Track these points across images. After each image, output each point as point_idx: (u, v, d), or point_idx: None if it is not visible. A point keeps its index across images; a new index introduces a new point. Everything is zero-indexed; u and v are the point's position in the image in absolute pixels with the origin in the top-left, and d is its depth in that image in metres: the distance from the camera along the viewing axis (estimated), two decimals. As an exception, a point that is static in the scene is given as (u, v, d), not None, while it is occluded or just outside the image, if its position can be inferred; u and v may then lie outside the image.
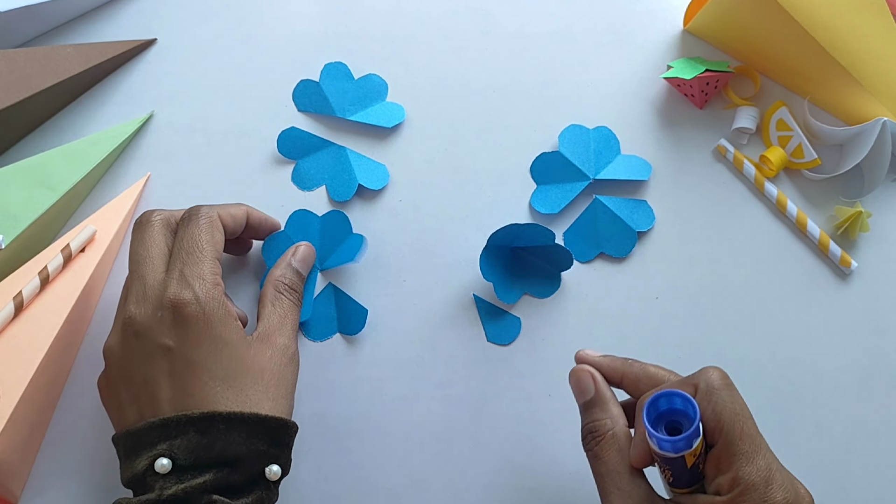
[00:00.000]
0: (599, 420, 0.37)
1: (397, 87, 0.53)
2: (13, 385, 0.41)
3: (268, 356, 0.38)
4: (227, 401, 0.36)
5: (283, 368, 0.39)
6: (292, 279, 0.43)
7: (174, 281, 0.37)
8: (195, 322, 0.37)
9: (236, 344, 0.37)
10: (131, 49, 0.53)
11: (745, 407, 0.34)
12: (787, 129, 0.51)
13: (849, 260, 0.49)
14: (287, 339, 0.40)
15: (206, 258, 0.38)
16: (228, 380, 0.36)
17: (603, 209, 0.50)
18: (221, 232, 0.41)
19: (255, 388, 0.37)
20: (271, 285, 0.42)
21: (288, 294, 0.42)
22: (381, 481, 0.46)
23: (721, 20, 0.52)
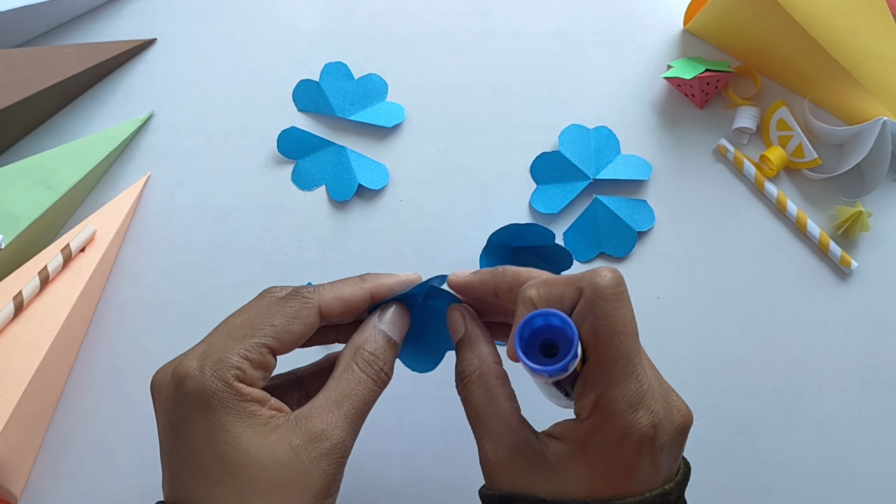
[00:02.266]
0: (466, 360, 0.34)
1: (397, 87, 0.53)
2: (13, 385, 0.41)
3: (292, 445, 0.30)
4: (213, 500, 0.29)
5: (308, 464, 0.30)
6: (376, 346, 0.34)
7: (193, 351, 0.31)
8: (191, 399, 0.30)
9: (240, 431, 0.30)
10: (131, 49, 0.53)
11: (631, 321, 0.30)
12: (788, 129, 0.51)
13: (849, 260, 0.49)
14: (332, 424, 0.31)
15: (248, 339, 0.31)
16: (222, 475, 0.29)
17: (603, 209, 0.50)
18: (308, 324, 0.33)
19: (257, 487, 0.29)
20: (348, 353, 0.33)
21: (364, 364, 0.33)
22: (381, 481, 0.46)
23: (721, 20, 0.52)
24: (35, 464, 0.45)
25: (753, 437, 0.47)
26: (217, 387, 0.30)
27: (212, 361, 0.30)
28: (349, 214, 0.50)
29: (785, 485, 0.47)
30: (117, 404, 0.47)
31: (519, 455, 0.32)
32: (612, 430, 0.29)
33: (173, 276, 0.49)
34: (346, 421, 0.32)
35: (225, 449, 0.30)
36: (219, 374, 0.30)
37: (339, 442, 0.31)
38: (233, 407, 0.30)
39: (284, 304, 0.32)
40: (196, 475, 0.30)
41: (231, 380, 0.30)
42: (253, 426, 0.30)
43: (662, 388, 0.32)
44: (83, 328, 0.47)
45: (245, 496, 0.29)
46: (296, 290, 0.33)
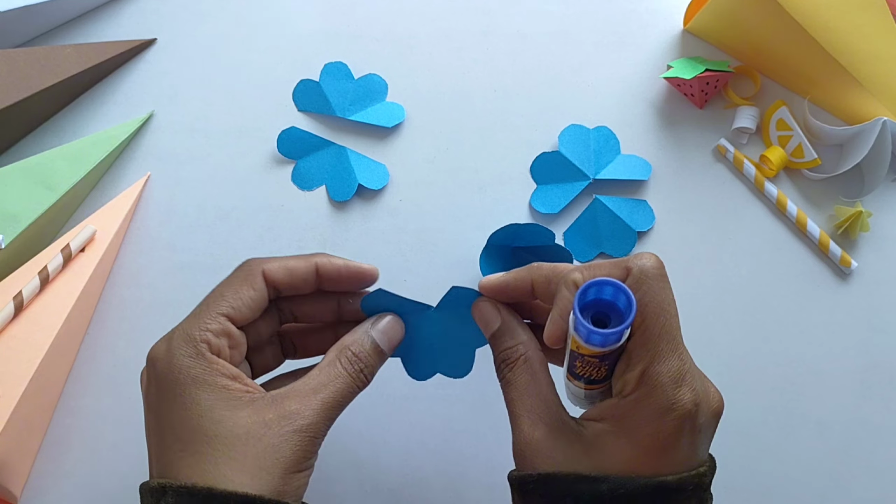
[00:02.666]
0: (510, 348, 0.35)
1: (397, 87, 0.53)
2: (13, 385, 0.41)
3: (264, 419, 0.31)
4: (190, 469, 0.31)
5: (280, 438, 0.31)
6: (361, 350, 0.35)
7: (165, 336, 0.33)
8: (164, 379, 0.32)
9: (212, 404, 0.31)
10: (131, 49, 0.53)
11: (674, 303, 0.31)
12: (787, 129, 0.51)
13: (849, 260, 0.49)
14: (306, 407, 0.32)
15: (207, 313, 0.33)
16: (195, 444, 0.31)
17: (603, 209, 0.50)
18: (256, 289, 0.34)
19: (230, 457, 0.31)
20: (335, 349, 0.35)
21: (347, 363, 0.34)
22: (381, 481, 0.46)
23: (721, 20, 0.52)
24: (35, 464, 0.45)
25: (753, 437, 0.47)
26: (185, 363, 0.32)
27: (177, 339, 0.32)
28: (349, 214, 0.50)
29: (785, 485, 0.47)
30: (117, 404, 0.47)
31: (558, 434, 0.32)
32: (657, 403, 0.30)
33: (173, 276, 0.49)
34: (320, 406, 0.33)
35: (199, 421, 0.31)
36: (186, 349, 0.32)
37: (311, 423, 0.32)
38: (204, 381, 0.32)
39: (232, 277, 0.35)
40: (174, 449, 0.31)
41: (201, 353, 0.32)
42: (226, 400, 0.32)
43: (699, 371, 0.33)
44: (83, 328, 0.47)
45: (220, 465, 0.30)
46: (241, 265, 0.35)
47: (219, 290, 0.34)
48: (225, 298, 0.34)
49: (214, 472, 0.30)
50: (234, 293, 0.34)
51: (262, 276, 0.35)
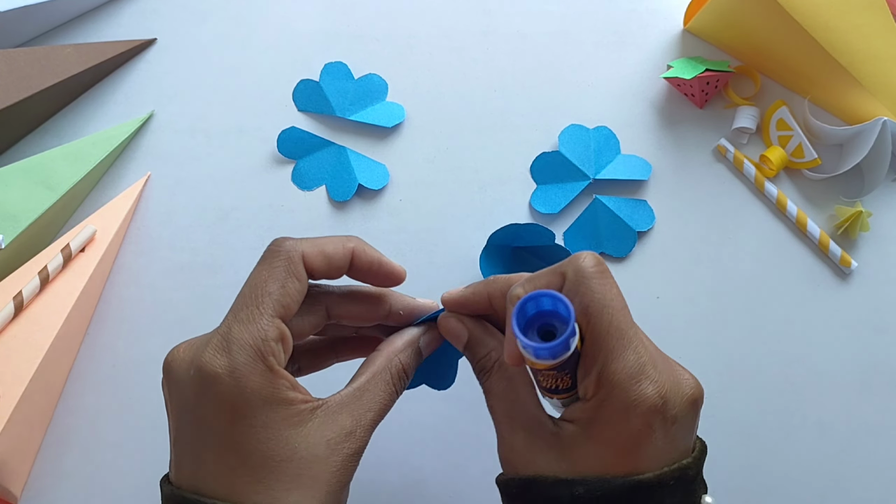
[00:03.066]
0: (483, 357, 0.34)
1: (397, 87, 0.53)
2: (13, 385, 0.41)
3: (325, 440, 0.30)
4: (257, 495, 0.29)
5: (343, 461, 0.31)
6: (409, 363, 0.34)
7: (214, 343, 0.30)
8: (227, 400, 0.29)
9: (279, 425, 0.29)
10: (131, 49, 0.53)
11: (619, 296, 0.30)
12: (788, 129, 0.51)
13: (849, 260, 0.49)
14: (360, 426, 0.31)
15: (261, 316, 0.30)
16: (261, 470, 0.29)
17: (603, 209, 0.50)
18: (300, 280, 0.31)
19: (298, 482, 0.29)
20: (386, 356, 0.34)
21: (396, 378, 0.34)
22: (381, 481, 0.46)
23: (721, 20, 0.52)
24: (35, 464, 0.45)
25: (753, 437, 0.47)
26: (255, 383, 0.29)
27: (240, 353, 0.29)
28: (349, 214, 0.50)
29: (785, 485, 0.47)
30: (117, 404, 0.47)
31: (536, 438, 0.32)
32: (618, 402, 0.29)
33: (173, 276, 0.49)
34: (370, 424, 0.32)
35: (267, 444, 0.29)
36: (256, 366, 0.29)
37: (363, 444, 0.32)
38: (270, 400, 0.29)
39: (273, 264, 0.31)
40: (233, 470, 0.29)
41: (273, 365, 0.30)
42: (290, 417, 0.30)
43: (666, 361, 0.31)
44: (83, 328, 0.47)
45: (292, 491, 0.29)
46: (276, 248, 0.32)
47: (261, 282, 0.31)
48: (272, 295, 0.30)
49: (286, 498, 0.29)
50: (282, 287, 0.31)
51: (301, 263, 0.31)
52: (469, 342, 0.35)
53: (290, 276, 0.31)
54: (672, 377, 0.31)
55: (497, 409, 0.34)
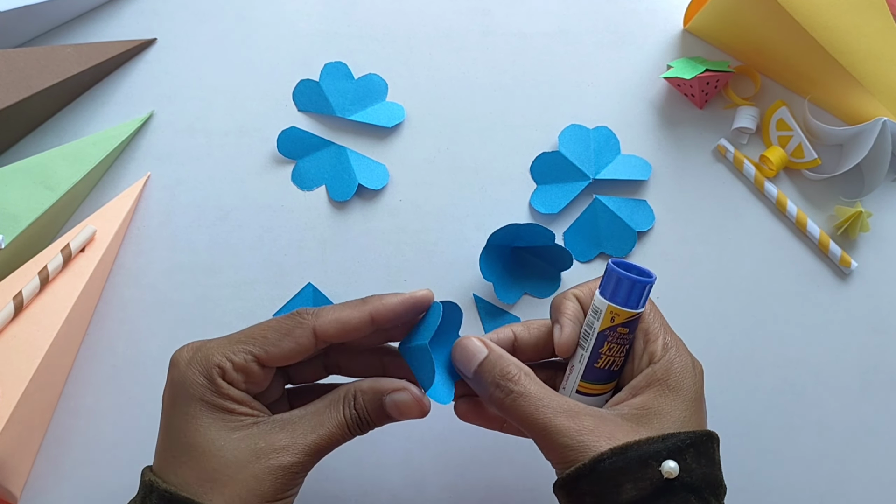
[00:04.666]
0: (505, 368, 0.34)
1: (397, 87, 0.53)
2: (13, 385, 0.41)
3: (253, 449, 0.32)
4: (176, 476, 0.32)
5: (264, 471, 0.32)
6: (367, 408, 0.35)
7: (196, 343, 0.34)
8: (173, 385, 0.33)
9: (210, 422, 0.33)
10: (131, 49, 0.53)
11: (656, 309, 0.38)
12: (787, 129, 0.51)
13: (849, 260, 0.49)
14: (294, 443, 0.33)
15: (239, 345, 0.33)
16: (187, 454, 0.32)
17: (603, 209, 0.50)
18: (300, 343, 0.34)
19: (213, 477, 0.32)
20: (345, 388, 0.35)
21: (349, 412, 0.34)
22: (381, 481, 0.46)
23: (721, 20, 0.52)
24: (35, 464, 0.45)
25: (753, 437, 0.47)
26: (195, 379, 0.33)
27: (200, 356, 0.33)
28: (349, 214, 0.50)
29: (785, 485, 0.47)
30: (117, 404, 0.47)
31: (601, 420, 0.33)
32: (686, 362, 0.35)
33: (173, 276, 0.49)
34: (310, 448, 0.33)
35: (195, 436, 0.32)
36: (201, 367, 0.33)
37: (297, 462, 0.33)
38: (207, 399, 0.33)
39: (282, 321, 0.34)
40: (171, 451, 0.33)
41: (215, 376, 0.33)
42: (224, 420, 0.33)
43: None
44: (83, 328, 0.47)
45: (203, 482, 0.32)
46: (298, 311, 0.35)
47: (264, 328, 0.34)
48: (265, 340, 0.34)
49: (197, 488, 0.32)
50: (275, 341, 0.34)
51: (312, 333, 0.34)
52: (488, 358, 0.35)
53: (288, 337, 0.34)
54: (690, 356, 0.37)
55: (542, 407, 0.34)
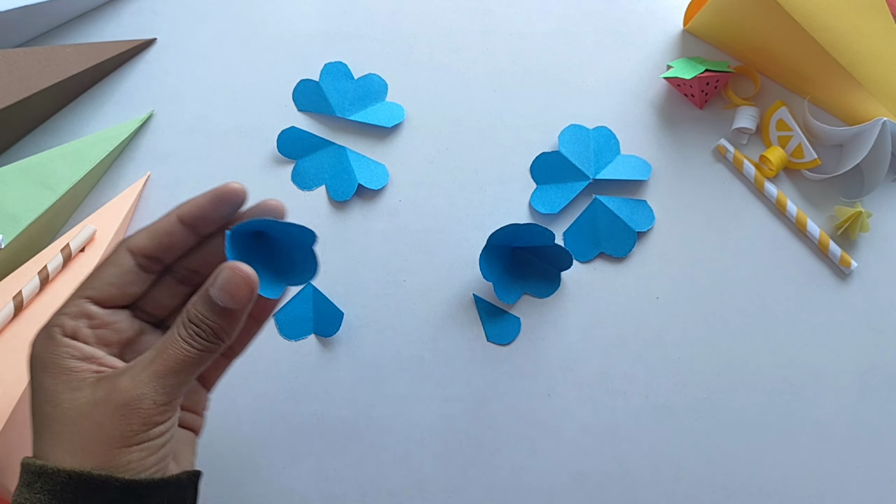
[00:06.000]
0: None
1: (397, 87, 0.53)
2: (13, 385, 0.41)
3: (96, 398, 0.32)
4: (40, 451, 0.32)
5: (104, 416, 0.31)
6: (198, 313, 0.33)
7: None
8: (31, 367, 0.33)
9: (55, 388, 0.32)
10: (131, 49, 0.53)
11: None
12: (787, 129, 0.51)
13: (849, 260, 0.49)
14: (135, 380, 0.32)
15: (68, 300, 0.33)
16: (41, 429, 0.32)
17: (603, 209, 0.50)
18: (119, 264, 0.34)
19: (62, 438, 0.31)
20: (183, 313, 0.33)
21: (183, 328, 0.33)
22: (381, 481, 0.46)
23: (721, 20, 0.52)
24: (35, 464, 0.45)
25: (753, 437, 0.47)
26: (37, 350, 0.33)
27: (43, 327, 0.33)
28: (349, 214, 0.50)
29: (785, 485, 0.47)
30: (117, 404, 0.47)
31: None
32: None
33: (173, 276, 0.49)
34: (150, 378, 0.32)
35: (42, 406, 0.32)
36: (41, 335, 0.33)
37: (136, 397, 0.31)
38: (51, 365, 0.32)
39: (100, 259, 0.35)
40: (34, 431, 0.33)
41: (51, 337, 0.33)
42: (69, 382, 0.32)
43: None
44: (83, 328, 0.47)
45: (53, 445, 0.32)
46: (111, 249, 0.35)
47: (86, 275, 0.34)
48: (87, 282, 0.34)
49: (49, 452, 0.32)
50: (96, 274, 0.34)
51: (126, 250, 0.34)
52: None
53: (106, 264, 0.34)
54: None
55: None
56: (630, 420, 0.47)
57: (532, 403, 0.47)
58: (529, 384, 0.48)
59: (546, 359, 0.48)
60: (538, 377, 0.48)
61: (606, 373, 0.48)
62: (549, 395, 0.47)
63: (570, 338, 0.48)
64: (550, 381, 0.48)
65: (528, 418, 0.47)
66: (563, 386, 0.48)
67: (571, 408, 0.47)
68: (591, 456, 0.47)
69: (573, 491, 0.46)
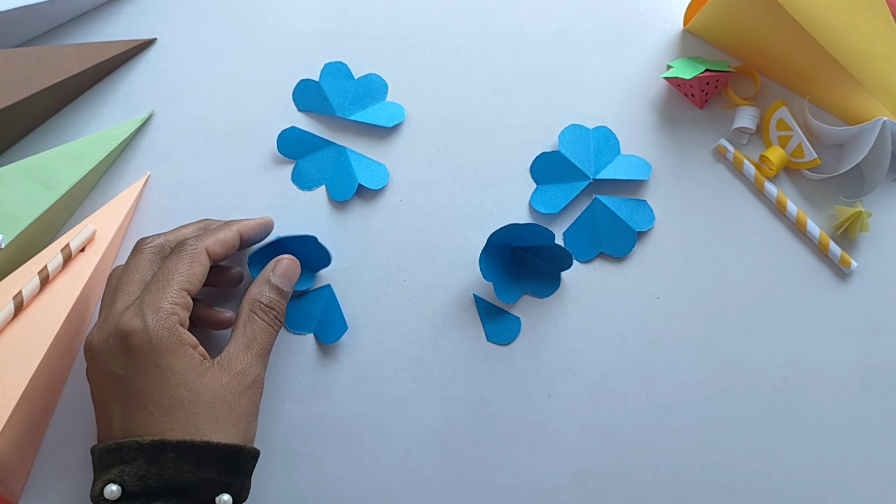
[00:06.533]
0: None
1: (397, 87, 0.53)
2: (13, 385, 0.41)
3: (222, 383, 0.38)
4: (174, 431, 0.36)
5: (237, 396, 0.38)
6: (270, 297, 0.41)
7: (130, 310, 0.37)
8: (141, 351, 0.36)
9: (185, 373, 0.37)
10: (131, 49, 0.53)
11: None
12: (787, 129, 0.51)
13: (849, 260, 0.49)
14: (248, 364, 0.39)
15: (170, 288, 0.38)
16: (175, 410, 0.36)
17: (603, 209, 0.50)
18: (203, 264, 0.40)
19: (205, 418, 0.37)
20: (247, 304, 0.41)
21: (262, 314, 0.41)
22: (381, 481, 0.46)
23: (721, 20, 0.52)
24: (35, 464, 0.45)
25: (753, 436, 0.47)
26: (163, 335, 0.37)
27: (152, 313, 0.37)
28: (349, 214, 0.50)
29: (785, 485, 0.47)
30: (117, 404, 0.47)
31: None
32: None
33: (173, 276, 0.49)
34: (257, 359, 0.39)
35: (176, 389, 0.36)
36: (162, 322, 0.37)
37: (256, 377, 0.39)
38: (177, 351, 0.37)
39: (181, 255, 0.40)
40: (151, 413, 0.36)
41: (174, 325, 0.37)
42: (193, 368, 0.37)
43: None
44: (83, 328, 0.47)
45: (201, 425, 0.36)
46: (180, 243, 0.41)
47: (173, 268, 0.39)
48: (182, 274, 0.39)
49: (203, 430, 0.36)
50: (189, 269, 0.39)
51: (205, 253, 0.40)
52: None
53: (195, 262, 0.40)
54: None
55: None
56: (630, 420, 0.47)
57: (532, 403, 0.47)
58: (529, 384, 0.48)
59: (546, 359, 0.48)
60: (538, 377, 0.48)
61: (606, 372, 0.48)
62: (550, 395, 0.47)
63: (570, 338, 0.48)
64: (550, 381, 0.48)
65: (528, 418, 0.47)
66: (564, 386, 0.48)
67: (572, 407, 0.47)
68: (591, 455, 0.47)
69: (573, 490, 0.46)
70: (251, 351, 0.39)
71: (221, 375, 0.38)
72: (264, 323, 0.40)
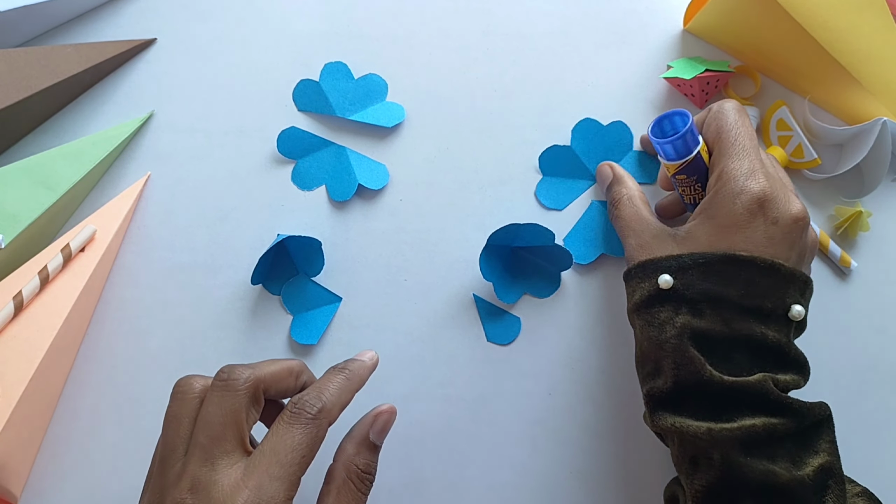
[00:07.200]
0: (616, 191, 0.45)
1: (397, 87, 0.53)
2: (13, 385, 0.41)
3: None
4: None
5: None
6: (367, 461, 0.36)
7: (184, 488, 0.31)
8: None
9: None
10: (131, 49, 0.53)
11: (750, 128, 0.40)
12: (787, 129, 0.51)
13: (849, 260, 0.49)
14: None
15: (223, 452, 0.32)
16: None
17: (603, 211, 0.50)
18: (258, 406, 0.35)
19: None
20: (342, 467, 0.35)
21: (359, 481, 0.35)
22: (381, 481, 0.46)
23: (721, 20, 0.52)
24: (35, 464, 0.45)
25: (753, 436, 0.47)
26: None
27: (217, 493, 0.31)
28: (349, 214, 0.50)
29: (785, 485, 0.47)
30: (117, 404, 0.47)
31: (657, 238, 0.41)
32: (730, 189, 0.38)
33: (173, 276, 0.49)
34: None
35: None
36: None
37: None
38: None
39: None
40: None
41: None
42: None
43: (783, 184, 0.40)
44: (83, 328, 0.47)
45: None
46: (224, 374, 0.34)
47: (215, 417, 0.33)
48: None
49: None
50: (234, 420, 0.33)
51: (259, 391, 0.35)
52: (611, 181, 0.47)
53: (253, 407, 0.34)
54: (783, 193, 0.39)
55: (625, 227, 0.44)
56: (630, 419, 0.47)
57: (532, 403, 0.48)
58: (530, 384, 0.48)
59: (546, 358, 0.48)
60: (538, 377, 0.48)
61: (606, 372, 0.48)
62: (550, 395, 0.47)
63: (570, 338, 0.48)
64: (550, 381, 0.48)
65: (529, 417, 0.47)
66: (564, 385, 0.48)
67: (571, 407, 0.47)
68: (591, 455, 0.47)
69: (574, 490, 0.46)
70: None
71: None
72: (361, 494, 0.35)
